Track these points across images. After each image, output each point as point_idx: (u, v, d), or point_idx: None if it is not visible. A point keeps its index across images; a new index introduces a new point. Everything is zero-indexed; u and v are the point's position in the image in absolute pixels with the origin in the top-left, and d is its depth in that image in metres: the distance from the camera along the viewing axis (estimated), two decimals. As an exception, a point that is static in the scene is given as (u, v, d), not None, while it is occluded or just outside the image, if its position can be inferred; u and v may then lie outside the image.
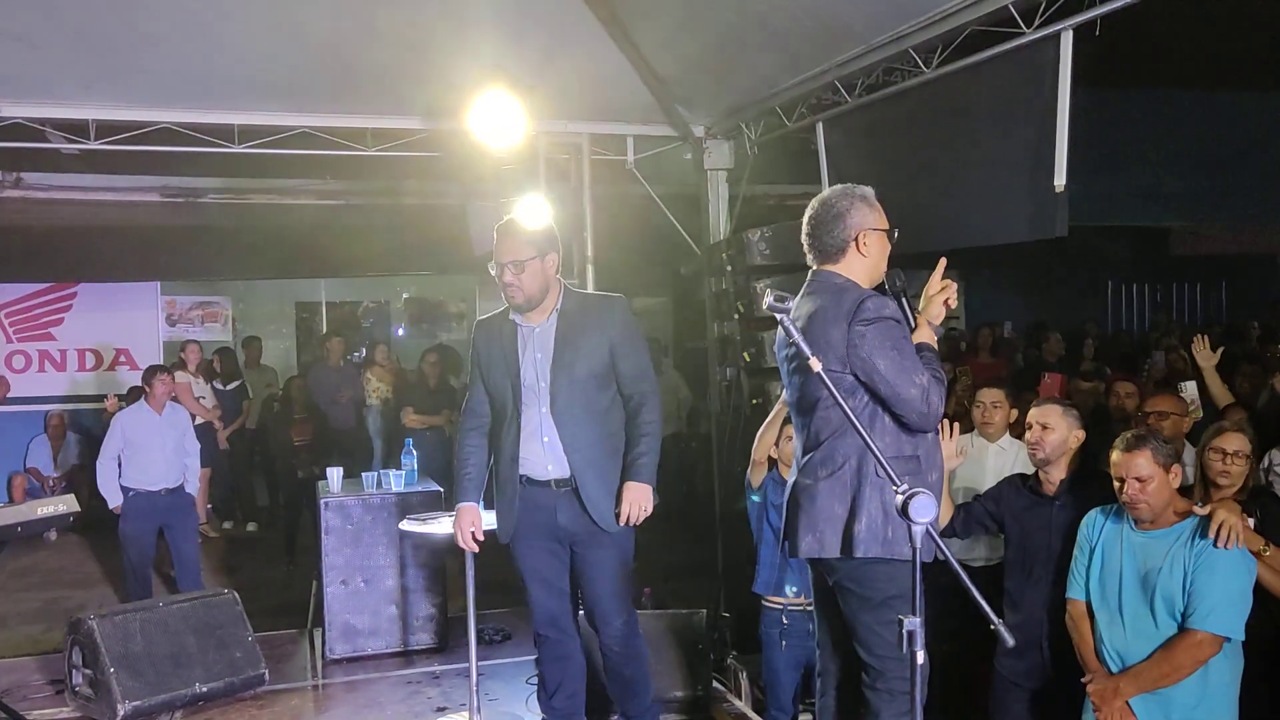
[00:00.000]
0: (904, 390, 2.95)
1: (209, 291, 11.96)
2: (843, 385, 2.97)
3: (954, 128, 4.95)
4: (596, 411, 3.69)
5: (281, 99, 6.03)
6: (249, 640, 5.06)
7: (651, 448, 3.72)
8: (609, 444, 3.72)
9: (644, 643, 3.92)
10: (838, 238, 3.11)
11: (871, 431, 2.96)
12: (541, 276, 3.69)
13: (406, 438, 6.85)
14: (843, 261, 3.13)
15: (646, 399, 3.75)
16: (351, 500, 5.59)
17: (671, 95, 6.44)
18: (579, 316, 3.73)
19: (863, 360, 2.96)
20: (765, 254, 5.95)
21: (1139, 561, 3.27)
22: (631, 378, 3.74)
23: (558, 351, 3.68)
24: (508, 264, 3.66)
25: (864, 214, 3.13)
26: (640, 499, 3.68)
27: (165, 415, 6.67)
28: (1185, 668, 3.14)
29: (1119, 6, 3.97)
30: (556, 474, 3.68)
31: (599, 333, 3.70)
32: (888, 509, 2.95)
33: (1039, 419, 3.70)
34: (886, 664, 3.01)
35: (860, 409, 2.99)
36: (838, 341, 2.98)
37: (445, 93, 5.83)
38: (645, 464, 3.70)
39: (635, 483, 3.68)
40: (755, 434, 4.55)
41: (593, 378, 3.68)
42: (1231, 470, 3.58)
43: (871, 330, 2.96)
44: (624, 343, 3.73)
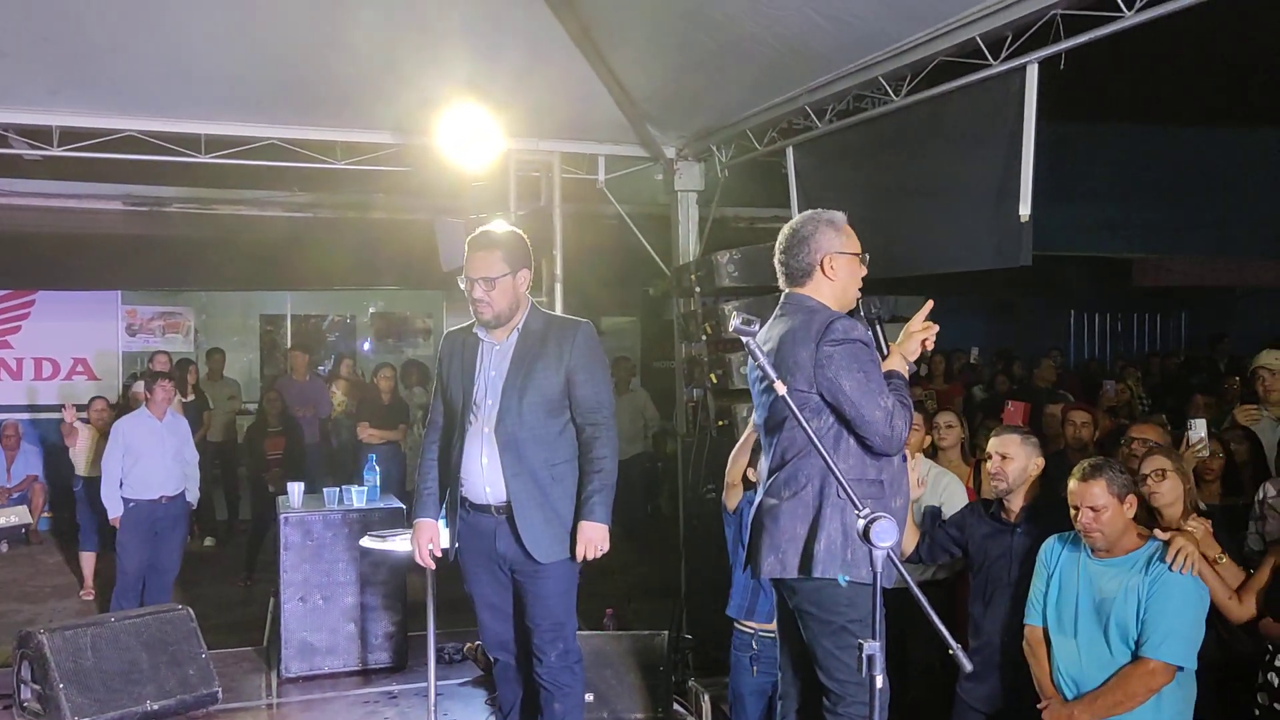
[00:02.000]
0: (868, 412, 2.96)
1: (171, 302, 11.81)
2: (808, 406, 2.99)
3: (921, 156, 5.01)
4: (542, 438, 3.58)
5: (250, 110, 6.00)
6: (203, 657, 4.97)
7: (605, 484, 3.60)
8: (552, 472, 3.60)
9: (581, 681, 3.80)
10: (804, 261, 3.15)
11: (835, 454, 2.98)
12: (512, 294, 3.63)
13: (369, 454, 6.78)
14: (810, 284, 3.17)
15: (600, 432, 3.63)
16: (312, 516, 5.52)
17: (643, 116, 6.47)
18: (540, 338, 3.65)
19: (829, 380, 2.98)
20: (734, 276, 5.96)
21: (1095, 589, 3.30)
22: (587, 407, 3.63)
23: (513, 371, 3.61)
24: (478, 280, 3.58)
25: (830, 238, 3.16)
26: (595, 539, 3.57)
27: (166, 422, 6.59)
28: (1138, 696, 3.17)
29: (1083, 42, 4.05)
30: (494, 498, 3.59)
31: (557, 357, 3.61)
32: (848, 530, 2.96)
33: (998, 449, 3.73)
34: (846, 689, 3.01)
35: (825, 430, 3.00)
36: (805, 361, 3.00)
37: (416, 108, 5.82)
38: (600, 502, 3.58)
39: (590, 523, 3.57)
40: (721, 455, 4.55)
41: (544, 402, 3.59)
42: (1162, 490, 3.61)
43: (839, 351, 2.98)
44: (582, 370, 3.63)
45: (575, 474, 3.65)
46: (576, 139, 6.82)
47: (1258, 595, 3.52)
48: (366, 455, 7.09)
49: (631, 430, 9.79)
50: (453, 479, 3.70)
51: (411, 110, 5.90)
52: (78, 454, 7.93)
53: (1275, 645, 3.50)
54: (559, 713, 3.69)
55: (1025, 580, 3.56)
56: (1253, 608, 3.51)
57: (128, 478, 6.44)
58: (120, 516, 6.40)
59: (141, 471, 6.45)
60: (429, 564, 3.83)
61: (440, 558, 3.80)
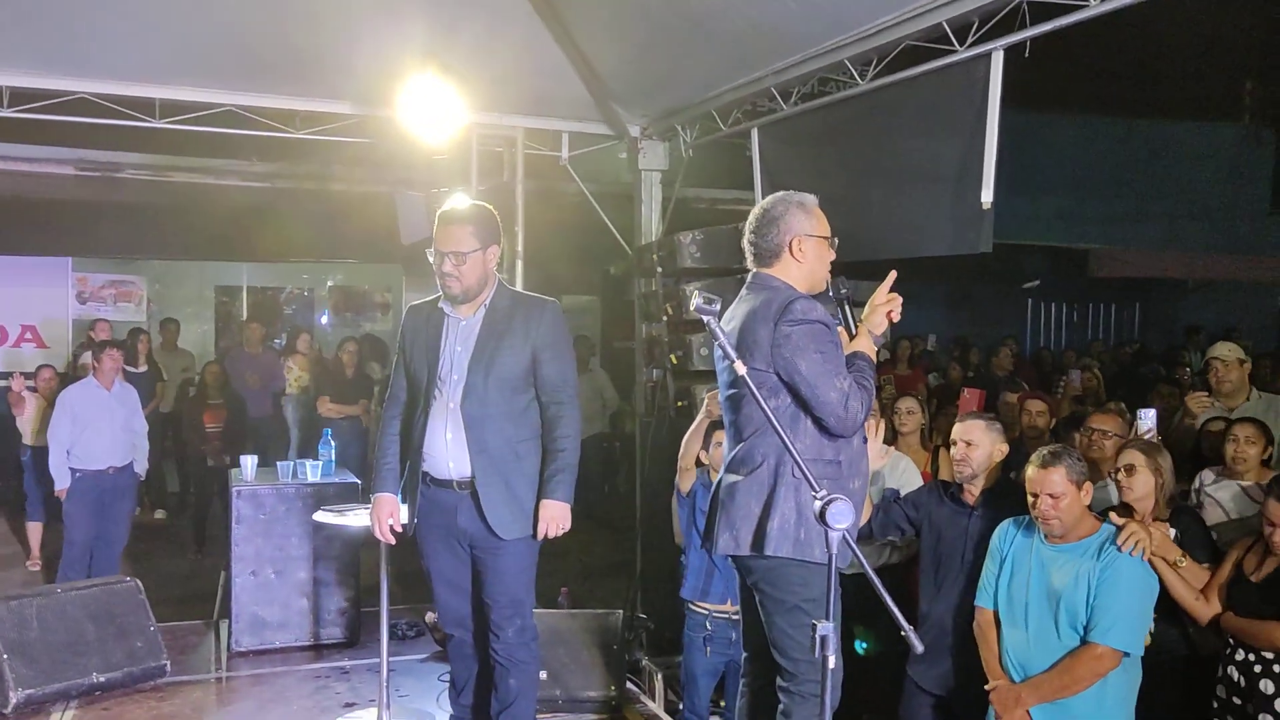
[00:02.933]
0: (824, 393, 2.96)
1: (123, 270, 11.59)
2: (766, 385, 2.99)
3: (885, 140, 5.03)
4: (506, 414, 3.58)
5: (206, 75, 5.86)
6: (151, 630, 4.90)
7: (569, 464, 3.61)
8: (516, 449, 3.60)
9: (537, 658, 3.81)
10: (772, 242, 3.16)
11: (793, 433, 2.97)
12: (482, 269, 3.60)
13: (325, 428, 6.71)
14: (778, 265, 3.17)
15: (564, 410, 3.64)
16: (265, 489, 5.46)
17: (608, 93, 6.42)
18: (507, 315, 3.64)
19: (785, 360, 2.99)
20: (696, 257, 5.96)
21: (1047, 574, 3.34)
22: (552, 386, 3.64)
23: (479, 347, 3.60)
24: (449, 254, 3.55)
25: (799, 220, 3.16)
26: (557, 517, 3.59)
27: (114, 391, 6.47)
28: (1084, 680, 3.22)
29: (1048, 30, 4.07)
30: (457, 473, 3.59)
31: (524, 335, 3.61)
32: (801, 510, 2.97)
33: (963, 436, 3.76)
34: (799, 666, 3.04)
35: (782, 410, 3.01)
36: (764, 340, 3.01)
37: (377, 78, 5.72)
38: (561, 481, 3.60)
39: (552, 500, 3.59)
40: (679, 436, 4.56)
41: (510, 379, 3.58)
42: (1131, 484, 3.67)
43: (797, 331, 2.99)
44: (549, 348, 3.63)
45: (538, 452, 3.65)
46: (540, 115, 6.75)
47: (1219, 590, 3.57)
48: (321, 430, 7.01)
49: (590, 410, 9.77)
50: (414, 454, 3.68)
51: (372, 81, 5.81)
52: (24, 422, 7.77)
53: (1235, 640, 3.54)
54: (514, 689, 3.69)
55: (978, 563, 3.59)
56: (1218, 605, 3.55)
57: (75, 448, 6.33)
58: (67, 487, 6.28)
59: (89, 442, 6.34)
60: (388, 539, 3.80)
61: (399, 533, 3.78)
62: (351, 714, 4.52)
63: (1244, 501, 4.06)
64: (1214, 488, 4.18)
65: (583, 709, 4.52)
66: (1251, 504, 4.02)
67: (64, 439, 6.32)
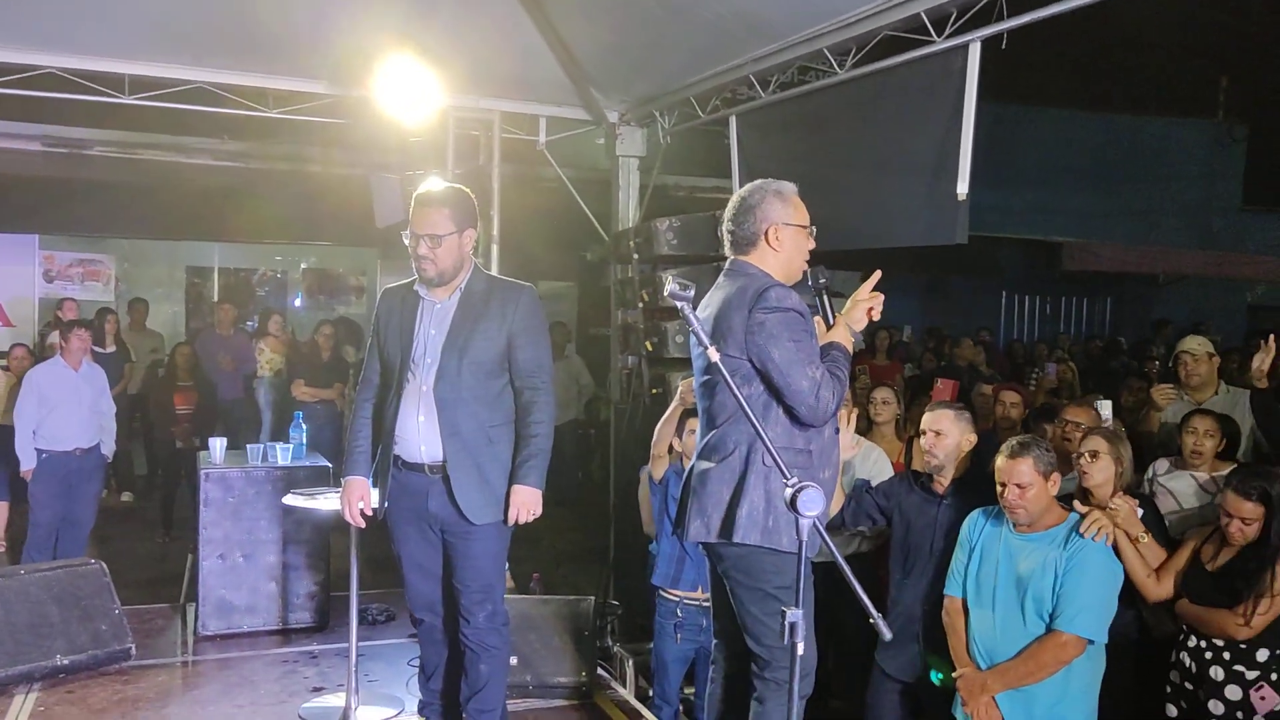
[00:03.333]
0: (795, 381, 2.94)
1: (91, 248, 11.43)
2: (739, 372, 2.98)
3: (862, 130, 5.03)
4: (480, 399, 3.55)
5: (176, 51, 5.78)
6: (116, 613, 4.85)
7: (541, 449, 3.58)
8: (489, 434, 3.57)
9: (507, 644, 3.79)
10: (749, 230, 3.13)
11: (764, 422, 2.96)
12: (458, 253, 3.56)
13: (296, 411, 6.65)
14: (755, 253, 3.15)
15: (538, 396, 3.61)
16: (234, 472, 5.40)
17: (586, 77, 6.39)
18: (483, 299, 3.61)
19: (758, 347, 2.97)
20: (673, 244, 5.95)
21: (1015, 563, 3.36)
22: (526, 371, 3.61)
23: (453, 331, 3.57)
24: (424, 236, 3.51)
25: (777, 209, 3.13)
26: (529, 503, 3.56)
27: (82, 372, 6.37)
28: (1049, 667, 3.25)
29: (1025, 23, 4.08)
30: (429, 457, 3.56)
31: (500, 319, 3.57)
32: (771, 498, 2.97)
33: (932, 425, 3.78)
34: (774, 654, 3.04)
35: (755, 397, 3.00)
36: (737, 327, 2.99)
37: (352, 58, 5.66)
38: (534, 466, 3.56)
39: (523, 486, 3.55)
40: (654, 423, 4.55)
41: (484, 363, 3.55)
42: (1092, 470, 3.70)
43: (771, 318, 2.97)
44: (524, 333, 3.60)
45: (511, 437, 3.63)
46: (518, 99, 6.71)
47: (1175, 577, 3.63)
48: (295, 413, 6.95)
49: (565, 397, 9.74)
50: (386, 437, 3.65)
51: (347, 60, 5.75)
52: (-10, 402, 7.65)
53: (1190, 626, 3.61)
54: (484, 674, 3.68)
55: (948, 552, 3.62)
56: (1170, 588, 3.62)
57: (41, 428, 6.23)
58: (33, 469, 6.19)
59: (55, 422, 6.25)
60: (359, 522, 3.77)
61: (369, 517, 3.75)
62: (319, 699, 4.49)
63: (1198, 493, 4.12)
64: (1167, 478, 4.24)
65: (553, 694, 4.51)
66: (1204, 495, 4.09)
67: (30, 419, 6.23)
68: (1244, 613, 3.41)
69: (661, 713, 4.47)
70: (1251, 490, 3.46)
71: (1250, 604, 3.40)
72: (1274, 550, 3.42)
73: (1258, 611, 3.39)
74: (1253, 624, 3.41)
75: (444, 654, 3.85)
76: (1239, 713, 3.46)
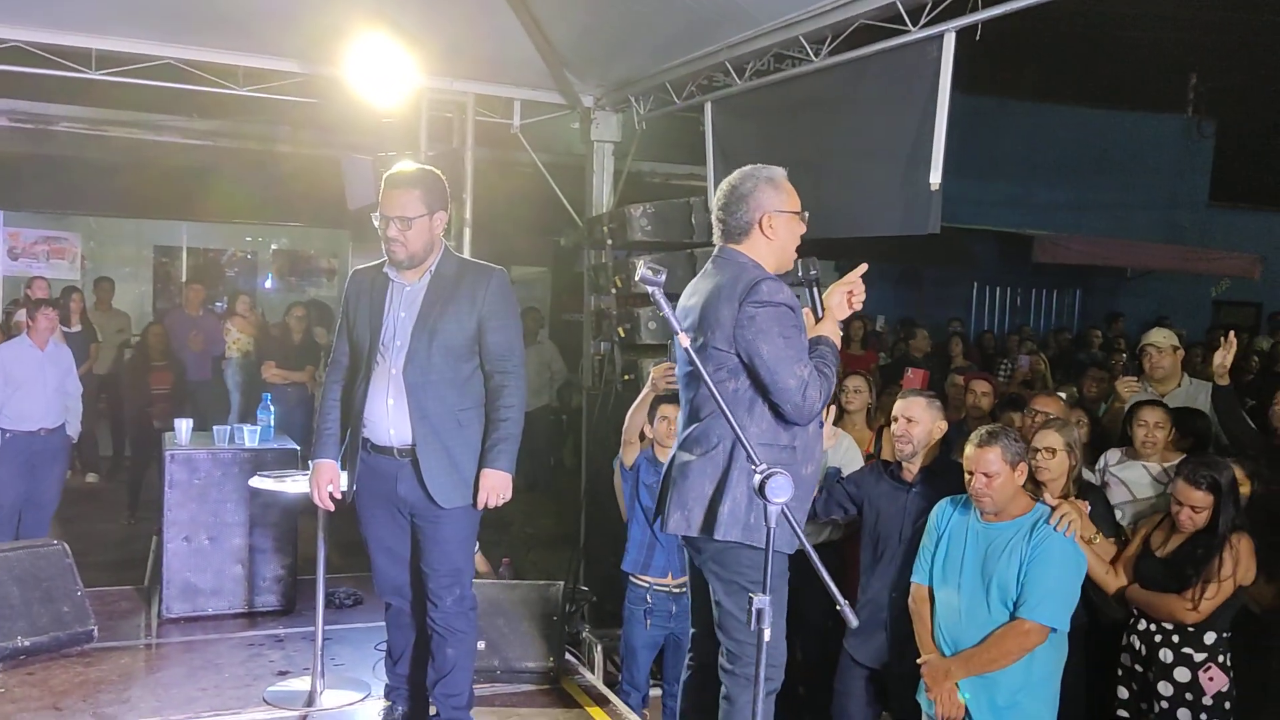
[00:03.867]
0: (783, 379, 2.90)
1: (57, 226, 11.27)
2: (726, 365, 2.95)
3: (837, 119, 5.04)
4: (450, 382, 3.53)
5: (144, 26, 5.68)
6: (78, 595, 4.79)
7: (511, 433, 3.56)
8: (458, 417, 3.55)
9: (475, 628, 3.76)
10: (742, 219, 3.07)
11: (750, 416, 2.95)
12: (428, 235, 3.53)
13: (265, 393, 6.59)
14: (747, 242, 3.09)
15: (509, 380, 3.58)
16: (200, 454, 5.34)
17: (561, 61, 6.34)
18: (453, 281, 3.57)
19: (747, 342, 2.93)
20: (646, 230, 5.93)
21: (981, 551, 3.40)
22: (497, 355, 3.58)
23: (423, 313, 3.54)
24: (394, 219, 3.48)
25: (769, 196, 3.08)
26: (498, 487, 3.54)
27: (48, 351, 6.28)
28: (1012, 654, 3.29)
29: (1000, 14, 4.09)
30: (398, 440, 3.54)
31: (470, 302, 3.54)
32: (753, 494, 2.93)
33: (904, 412, 3.80)
34: (744, 648, 3.02)
35: (741, 391, 2.97)
36: (727, 320, 2.94)
37: (324, 36, 5.60)
38: (503, 450, 3.54)
39: (493, 470, 3.53)
40: (626, 409, 4.54)
41: (454, 346, 3.53)
42: (1049, 466, 3.75)
43: (762, 313, 2.92)
44: (494, 317, 3.57)
45: (481, 421, 3.60)
46: (492, 81, 6.66)
47: (1126, 565, 3.71)
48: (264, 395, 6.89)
49: (538, 382, 9.72)
50: (355, 420, 3.63)
51: (319, 39, 5.67)
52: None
53: (1139, 611, 3.71)
54: (451, 658, 3.67)
55: (916, 540, 3.64)
56: (1124, 577, 3.72)
57: (6, 408, 6.14)
58: (-3, 448, 6.11)
59: (20, 402, 6.16)
60: (328, 505, 3.74)
61: (339, 500, 3.72)
62: (284, 682, 4.46)
63: (1151, 483, 4.19)
64: (1119, 468, 4.30)
65: (520, 680, 4.50)
66: (1155, 485, 4.16)
67: None
68: (1192, 597, 3.52)
69: (630, 698, 4.48)
70: (1201, 479, 3.57)
71: (1199, 589, 3.52)
72: (1222, 538, 3.54)
73: (1205, 596, 3.51)
74: (1200, 608, 3.52)
75: (411, 638, 3.84)
76: (1188, 694, 3.57)
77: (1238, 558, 3.52)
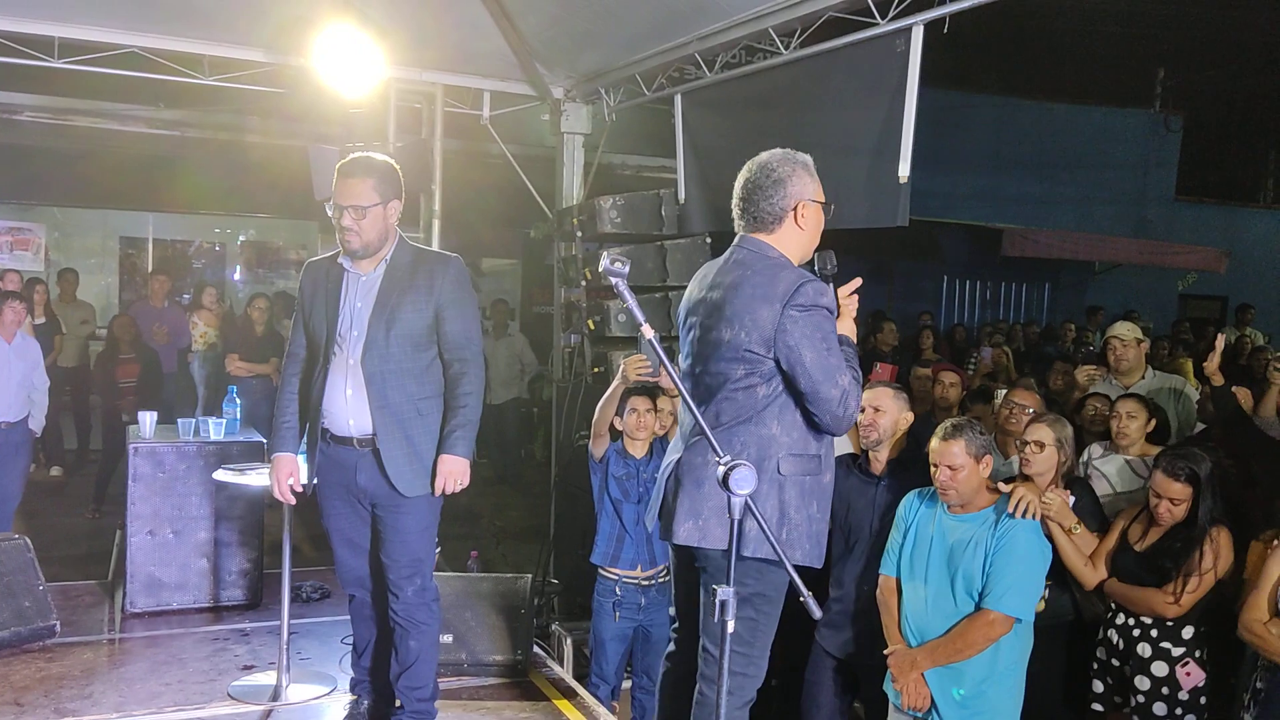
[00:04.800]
0: (825, 389, 2.74)
1: (21, 217, 11.09)
2: (760, 370, 2.79)
3: (806, 111, 5.05)
4: (409, 371, 3.51)
5: (107, 14, 5.61)
6: (40, 589, 4.72)
7: (469, 419, 3.53)
8: (418, 406, 3.52)
9: (438, 620, 3.73)
10: (776, 206, 2.84)
11: (780, 424, 2.80)
12: (382, 224, 3.51)
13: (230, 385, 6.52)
14: (778, 232, 2.87)
15: (468, 368, 3.55)
16: (164, 447, 5.27)
17: (531, 52, 6.32)
18: (409, 270, 3.53)
19: (789, 348, 2.74)
20: (616, 222, 5.93)
21: (947, 542, 3.41)
22: (455, 343, 3.55)
23: (379, 303, 3.51)
24: (348, 208, 3.45)
25: (805, 183, 2.88)
26: (455, 472, 3.51)
27: (15, 345, 6.18)
28: (978, 644, 3.30)
29: (967, 7, 4.12)
30: (358, 431, 3.51)
31: (427, 291, 3.51)
32: (785, 508, 2.80)
33: (871, 402, 3.80)
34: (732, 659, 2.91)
35: (772, 397, 2.80)
36: (766, 322, 2.74)
37: (291, 26, 5.55)
38: (461, 436, 3.51)
39: (450, 455, 3.51)
40: (595, 401, 4.53)
41: (411, 335, 3.50)
42: (1036, 460, 3.77)
43: (805, 318, 2.74)
44: (451, 305, 3.53)
45: (440, 410, 3.59)
46: (461, 72, 6.62)
47: (1105, 558, 3.72)
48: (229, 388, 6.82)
49: (508, 374, 9.69)
50: (313, 411, 3.60)
51: (286, 28, 5.62)
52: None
53: (1117, 605, 3.71)
54: (414, 650, 3.65)
55: (884, 533, 3.65)
56: (1104, 571, 3.72)
57: (-32, 399, 6.05)
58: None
59: (-17, 394, 6.07)
60: (289, 499, 3.71)
61: (300, 493, 3.69)
62: (249, 676, 4.42)
63: (1129, 475, 4.22)
64: (1101, 461, 4.34)
65: (488, 672, 4.48)
66: (1136, 477, 4.19)
67: None
68: (1173, 591, 3.51)
69: (599, 691, 4.48)
70: (1180, 471, 3.55)
71: (1179, 583, 3.51)
72: (1202, 530, 3.52)
73: (1187, 590, 3.50)
74: (1182, 602, 3.52)
75: (374, 630, 3.82)
76: (1164, 689, 3.57)
77: (1218, 551, 3.50)
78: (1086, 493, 3.96)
